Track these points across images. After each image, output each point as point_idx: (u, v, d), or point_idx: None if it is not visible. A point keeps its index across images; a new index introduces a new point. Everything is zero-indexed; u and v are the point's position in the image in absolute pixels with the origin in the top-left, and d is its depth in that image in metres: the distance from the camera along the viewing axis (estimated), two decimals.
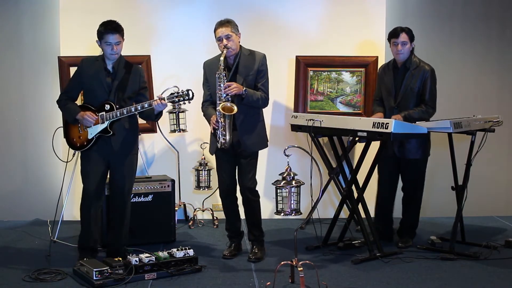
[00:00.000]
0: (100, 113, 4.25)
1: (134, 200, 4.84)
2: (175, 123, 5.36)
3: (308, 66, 5.57)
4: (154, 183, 4.96)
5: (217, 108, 4.28)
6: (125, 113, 4.24)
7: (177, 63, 5.68)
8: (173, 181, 5.03)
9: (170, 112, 5.36)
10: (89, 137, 4.29)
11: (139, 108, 4.23)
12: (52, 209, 5.18)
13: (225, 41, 4.32)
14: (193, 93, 4.21)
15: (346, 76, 5.57)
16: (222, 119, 4.29)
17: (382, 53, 5.63)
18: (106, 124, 4.25)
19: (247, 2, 5.72)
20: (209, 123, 4.41)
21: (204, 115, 4.52)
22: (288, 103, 5.75)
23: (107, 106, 4.25)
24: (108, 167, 4.39)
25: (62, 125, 4.54)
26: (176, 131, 5.37)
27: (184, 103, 4.27)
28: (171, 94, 4.25)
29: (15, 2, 5.68)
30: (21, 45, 5.72)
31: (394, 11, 5.80)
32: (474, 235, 5.11)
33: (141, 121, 5.40)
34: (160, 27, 5.70)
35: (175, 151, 5.67)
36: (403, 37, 4.69)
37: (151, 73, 5.41)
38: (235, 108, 4.26)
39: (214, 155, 4.54)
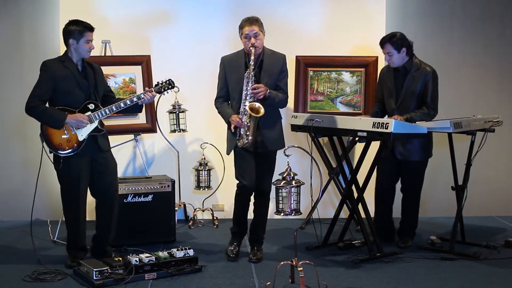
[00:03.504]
0: (87, 113, 4.21)
1: (134, 200, 4.85)
2: (175, 123, 5.36)
3: (308, 66, 5.56)
4: (154, 183, 4.95)
5: (245, 107, 4.23)
6: (114, 109, 4.26)
7: (177, 63, 5.68)
8: (173, 181, 5.02)
9: (170, 112, 5.36)
10: (80, 139, 4.20)
11: (128, 103, 4.26)
12: (52, 209, 5.18)
13: (253, 40, 4.28)
14: (173, 81, 4.41)
15: (346, 76, 5.57)
16: (248, 119, 4.25)
17: (382, 53, 5.62)
18: (96, 123, 4.23)
19: (247, 2, 5.71)
20: (226, 121, 4.37)
21: (218, 111, 4.46)
22: (288, 103, 5.73)
23: (92, 105, 4.23)
24: (91, 166, 4.32)
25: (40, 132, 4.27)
26: (176, 131, 5.37)
27: (168, 92, 4.41)
28: (155, 85, 4.38)
29: (15, 2, 5.68)
30: (21, 45, 5.72)
31: (394, 11, 5.80)
32: (474, 235, 5.11)
33: (141, 120, 5.41)
34: (160, 27, 5.70)
35: (175, 151, 5.67)
36: (387, 48, 4.69)
37: (151, 73, 5.40)
38: (262, 111, 4.23)
39: (233, 151, 4.42)
